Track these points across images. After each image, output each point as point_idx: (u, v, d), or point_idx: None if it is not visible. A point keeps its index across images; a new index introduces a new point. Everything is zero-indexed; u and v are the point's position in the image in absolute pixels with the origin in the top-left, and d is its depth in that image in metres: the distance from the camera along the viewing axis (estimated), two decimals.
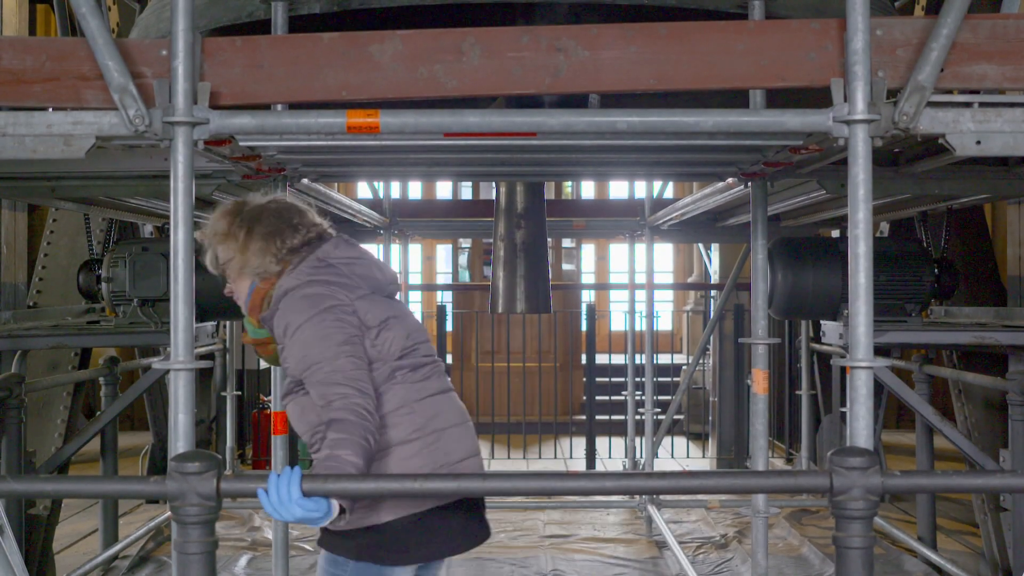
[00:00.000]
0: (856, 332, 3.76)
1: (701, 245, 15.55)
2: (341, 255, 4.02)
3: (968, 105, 3.95)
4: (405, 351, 3.95)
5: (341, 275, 3.94)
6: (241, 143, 4.68)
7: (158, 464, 10.65)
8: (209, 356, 11.00)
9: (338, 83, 3.91)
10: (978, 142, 3.93)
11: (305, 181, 6.67)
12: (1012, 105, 3.97)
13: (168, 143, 3.78)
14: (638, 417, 11.56)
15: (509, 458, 14.98)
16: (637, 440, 11.67)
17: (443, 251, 26.53)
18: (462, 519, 4.01)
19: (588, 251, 26.89)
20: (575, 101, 5.06)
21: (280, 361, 3.97)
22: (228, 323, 12.11)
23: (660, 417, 11.34)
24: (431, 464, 3.91)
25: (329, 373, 3.70)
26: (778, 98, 4.64)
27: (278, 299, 3.93)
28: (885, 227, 9.52)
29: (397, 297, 4.17)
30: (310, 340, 3.76)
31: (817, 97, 3.91)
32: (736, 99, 4.78)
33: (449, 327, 15.97)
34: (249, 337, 4.26)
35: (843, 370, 5.02)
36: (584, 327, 15.35)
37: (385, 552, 3.89)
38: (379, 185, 11.18)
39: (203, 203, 6.51)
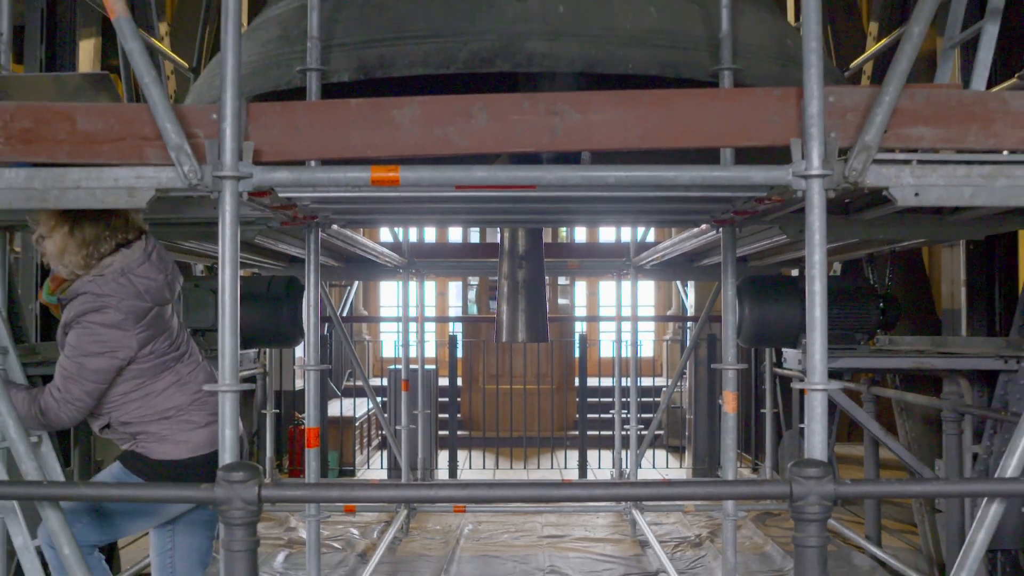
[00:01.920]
0: (812, 359, 3.75)
1: (679, 282, 15.59)
2: (142, 273, 4.36)
3: (908, 162, 3.94)
4: (170, 348, 4.42)
5: (133, 289, 4.30)
6: (280, 194, 4.68)
7: None
8: (251, 379, 10.99)
9: (364, 142, 3.90)
10: (916, 194, 3.91)
11: (335, 227, 6.67)
12: (945, 162, 3.96)
13: (217, 194, 3.78)
14: (624, 432, 11.53)
15: (511, 468, 14.94)
16: (623, 452, 11.65)
17: (454, 287, 26.52)
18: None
19: (581, 287, 26.88)
20: (569, 158, 5.07)
21: (59, 330, 4.36)
22: (268, 350, 12.11)
23: (643, 432, 11.30)
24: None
25: (66, 370, 4.18)
26: (745, 155, 4.65)
27: (75, 292, 4.29)
28: (838, 267, 9.53)
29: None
30: (74, 342, 4.20)
31: (779, 154, 3.91)
32: (709, 156, 4.79)
33: (460, 354, 15.93)
34: (43, 298, 4.52)
35: (802, 391, 5.05)
36: (577, 354, 15.35)
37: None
38: (399, 230, 11.17)
39: (247, 246, 6.51)
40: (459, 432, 14.77)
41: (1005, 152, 4.02)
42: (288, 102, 4.23)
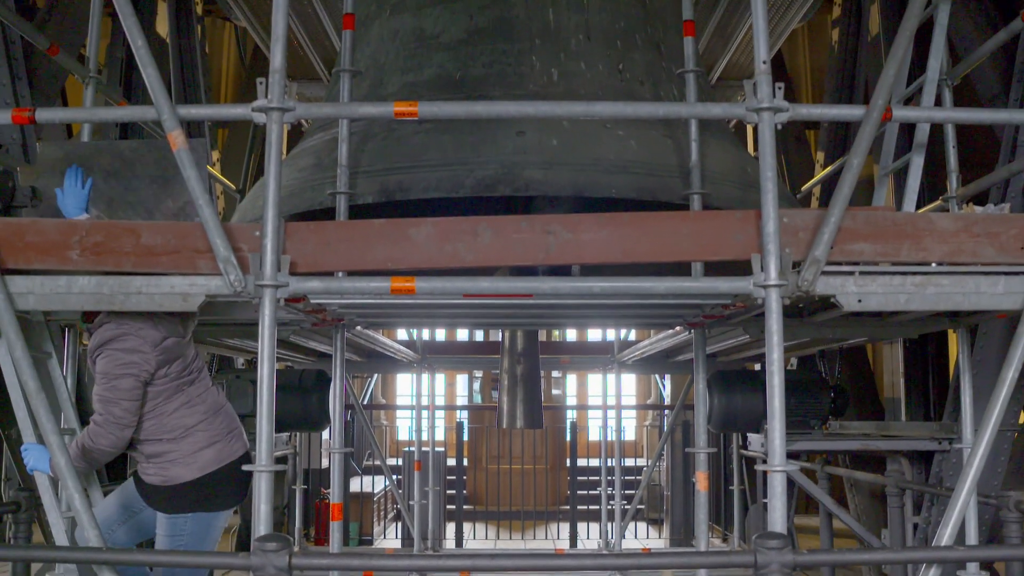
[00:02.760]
0: (773, 444, 3.74)
1: (657, 375, 15.52)
2: (160, 314, 4.25)
3: (851, 273, 3.97)
4: (183, 372, 4.34)
5: (150, 320, 4.22)
6: (312, 300, 4.71)
7: (243, 542, 10.47)
8: (283, 459, 10.91)
9: (384, 256, 3.93)
10: (859, 300, 3.94)
11: (358, 327, 6.68)
12: (883, 273, 3.99)
13: (258, 300, 3.80)
14: (610, 507, 11.42)
15: (511, 538, 14.73)
16: (609, 524, 11.52)
17: (461, 380, 26.40)
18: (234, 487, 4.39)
19: (572, 380, 26.75)
20: (562, 270, 5.10)
21: (88, 358, 4.33)
22: (298, 433, 12.03)
23: (627, 507, 11.18)
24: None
25: (102, 396, 4.15)
26: (713, 267, 4.68)
27: (100, 322, 4.26)
28: (794, 361, 9.50)
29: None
30: (102, 369, 4.17)
31: (741, 266, 3.94)
32: (682, 268, 4.82)
33: (466, 437, 15.81)
34: (80, 326, 4.60)
35: (764, 471, 5.03)
36: (568, 438, 15.20)
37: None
38: (414, 330, 11.18)
39: (282, 343, 6.52)
40: (465, 506, 14.58)
41: (933, 264, 4.05)
42: (320, 222, 4.27)
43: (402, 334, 11.64)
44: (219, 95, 12.91)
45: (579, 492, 14.38)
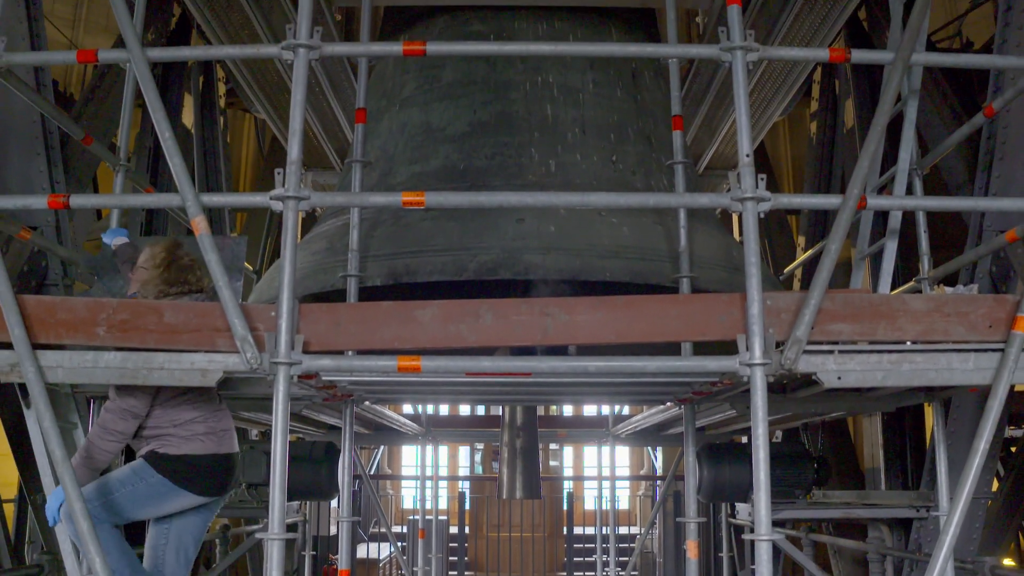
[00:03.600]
0: (759, 513, 3.72)
1: (649, 448, 15.41)
2: None
3: (831, 352, 3.96)
4: None
5: None
6: (323, 377, 4.71)
7: None
8: (293, 526, 10.80)
9: (392, 336, 3.93)
10: (839, 378, 3.93)
11: (367, 402, 6.67)
12: (861, 352, 4.00)
13: (273, 377, 3.79)
14: (605, 573, 11.29)
15: None
16: None
17: (464, 452, 26.25)
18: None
19: (568, 452, 26.62)
20: (559, 350, 5.11)
21: None
22: (308, 502, 11.92)
23: (621, 573, 11.05)
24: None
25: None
26: (701, 347, 4.69)
27: None
28: (779, 434, 9.46)
29: None
30: None
31: (728, 345, 3.95)
32: (672, 347, 4.84)
33: (467, 506, 15.68)
34: None
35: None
36: (565, 507, 15.09)
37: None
38: (419, 405, 11.15)
39: (294, 416, 6.49)
40: (466, 572, 14.42)
41: (908, 342, 4.07)
42: (332, 303, 4.29)
43: (407, 408, 11.59)
44: (239, 181, 13.05)
45: (575, 559, 14.24)
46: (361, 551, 14.30)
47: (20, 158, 5.76)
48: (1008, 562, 7.29)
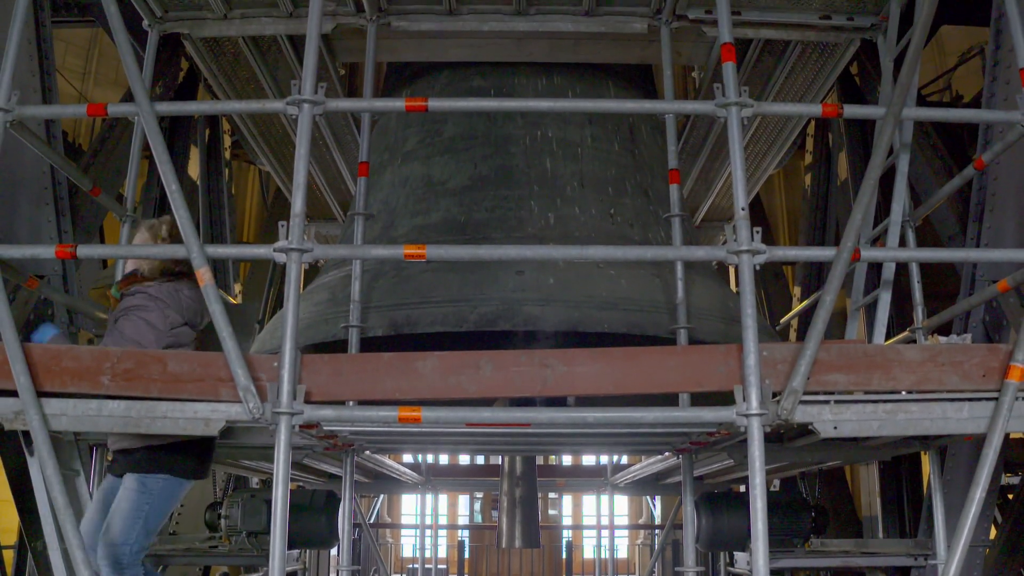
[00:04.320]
0: (757, 562, 3.71)
1: (648, 497, 15.31)
2: (188, 294, 4.47)
3: (827, 402, 3.97)
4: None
5: (177, 303, 4.42)
6: (325, 427, 4.70)
7: None
8: (293, 574, 10.70)
9: (393, 387, 3.94)
10: (835, 427, 3.94)
11: (367, 452, 6.65)
12: (856, 401, 4.01)
13: (275, 426, 3.80)
14: None
15: None
16: None
17: (463, 500, 26.08)
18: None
19: (567, 501, 26.45)
20: (557, 401, 5.11)
21: (109, 316, 4.58)
22: (308, 550, 11.82)
23: None
24: None
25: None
26: (699, 397, 4.69)
27: (135, 291, 4.46)
28: (777, 483, 9.40)
29: None
30: (121, 327, 4.34)
31: (725, 396, 3.96)
32: (670, 398, 4.84)
33: (467, 555, 15.54)
34: (111, 292, 4.66)
35: None
36: (564, 556, 14.97)
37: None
38: (419, 454, 11.11)
39: (295, 465, 6.47)
40: None
41: (903, 392, 4.08)
42: (334, 355, 4.30)
43: (407, 457, 11.55)
44: (243, 231, 13.12)
45: None
46: None
47: (29, 207, 5.80)
48: None
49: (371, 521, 19.29)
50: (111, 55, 13.51)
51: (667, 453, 6.78)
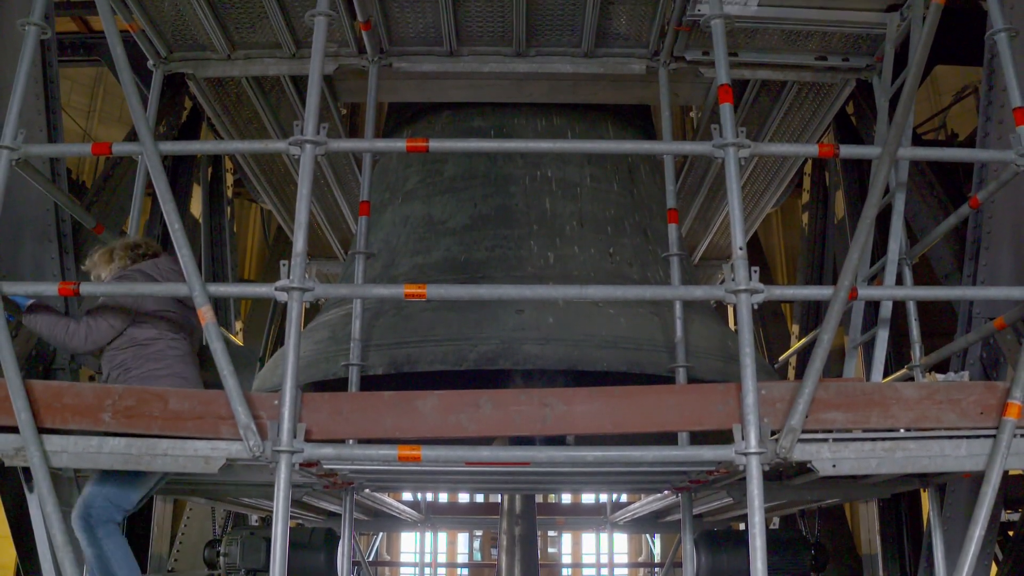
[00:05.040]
0: None
1: (647, 535, 15.22)
2: (164, 264, 4.63)
3: (826, 440, 3.97)
4: (168, 329, 4.53)
5: (160, 273, 4.59)
6: (324, 465, 4.69)
7: None
8: None
9: (393, 426, 3.93)
10: (834, 465, 3.94)
11: (367, 490, 6.62)
12: (855, 439, 4.01)
13: (275, 464, 3.79)
14: None
15: None
16: None
17: (463, 538, 25.88)
18: None
19: (567, 539, 26.26)
20: (557, 440, 5.10)
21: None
22: None
23: None
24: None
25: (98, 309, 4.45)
26: (698, 435, 4.69)
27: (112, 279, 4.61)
28: (776, 520, 9.37)
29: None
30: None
31: (724, 434, 3.95)
32: (669, 437, 4.83)
33: None
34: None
35: None
36: None
37: None
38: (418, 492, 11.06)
39: (295, 502, 6.44)
40: None
41: (901, 430, 4.07)
42: (334, 393, 4.30)
43: (407, 495, 11.49)
44: (244, 269, 13.14)
45: None
46: None
47: (33, 244, 5.82)
48: None
49: (370, 559, 19.15)
50: (116, 93, 13.61)
51: (666, 491, 6.74)
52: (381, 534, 20.85)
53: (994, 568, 6.48)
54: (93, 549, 4.18)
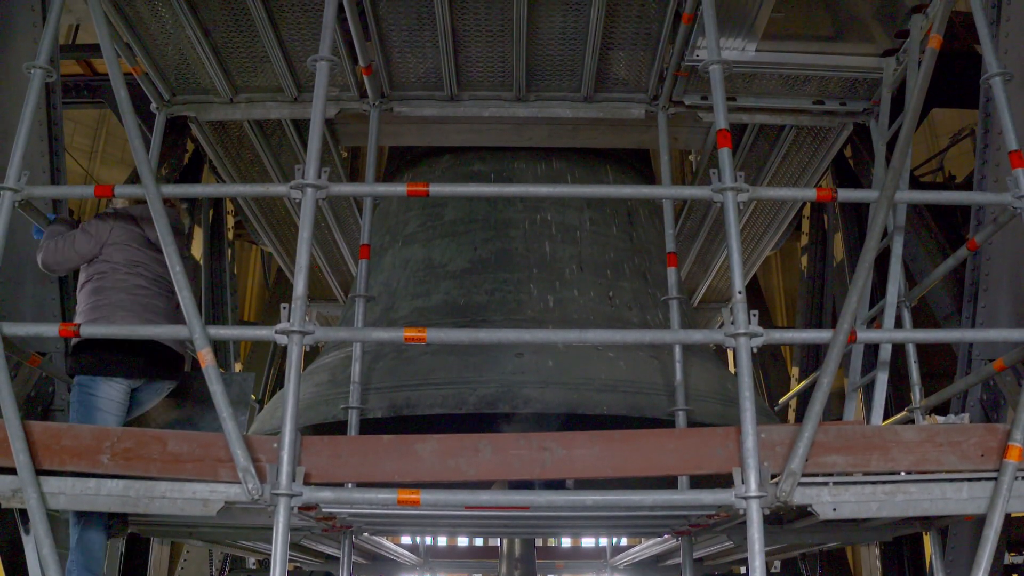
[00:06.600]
0: None
1: None
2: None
3: (826, 484, 3.96)
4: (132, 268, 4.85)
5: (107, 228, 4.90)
6: (323, 509, 4.67)
7: None
8: None
9: (392, 470, 3.92)
10: (834, 509, 3.92)
11: (365, 534, 6.58)
12: (855, 483, 3.99)
13: (273, 507, 3.77)
14: None
15: None
16: None
17: None
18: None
19: None
20: (557, 483, 5.08)
21: None
22: None
23: None
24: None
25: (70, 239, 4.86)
26: (698, 479, 4.66)
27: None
28: (778, 564, 9.30)
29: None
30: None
31: (724, 477, 3.94)
32: (669, 480, 4.81)
33: None
34: None
35: None
36: None
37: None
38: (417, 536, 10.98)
39: (293, 545, 6.40)
40: None
41: (902, 473, 4.06)
42: (333, 436, 4.29)
43: (406, 538, 11.40)
44: (244, 310, 13.15)
45: None
46: None
47: (34, 286, 5.83)
48: None
49: None
50: (118, 135, 13.72)
51: (667, 535, 6.70)
52: None
53: None
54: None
